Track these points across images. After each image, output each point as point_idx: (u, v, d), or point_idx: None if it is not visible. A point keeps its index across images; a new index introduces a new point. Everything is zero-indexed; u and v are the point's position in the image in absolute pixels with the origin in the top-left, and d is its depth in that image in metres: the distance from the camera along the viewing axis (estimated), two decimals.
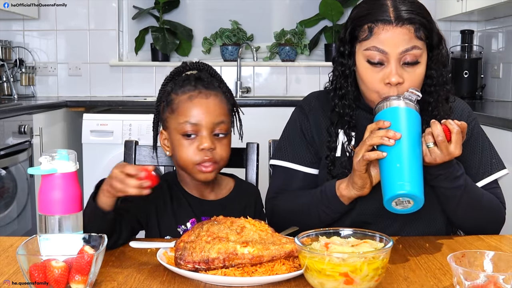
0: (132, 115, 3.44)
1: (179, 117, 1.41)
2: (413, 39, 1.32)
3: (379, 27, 1.32)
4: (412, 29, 1.32)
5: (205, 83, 1.44)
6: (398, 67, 1.32)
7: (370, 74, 1.36)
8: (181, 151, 1.40)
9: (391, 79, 1.32)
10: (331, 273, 0.96)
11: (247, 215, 1.22)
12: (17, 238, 1.33)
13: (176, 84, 1.45)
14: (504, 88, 3.81)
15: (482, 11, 3.58)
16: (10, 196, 3.16)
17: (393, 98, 1.27)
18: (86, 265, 0.96)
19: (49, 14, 4.23)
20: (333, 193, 1.34)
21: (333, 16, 4.17)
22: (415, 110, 1.25)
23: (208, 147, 1.38)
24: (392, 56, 1.32)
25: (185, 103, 1.41)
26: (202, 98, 1.41)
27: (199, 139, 1.39)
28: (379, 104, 1.29)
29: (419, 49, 1.33)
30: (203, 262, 1.06)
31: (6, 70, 4.03)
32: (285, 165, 1.49)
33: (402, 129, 1.21)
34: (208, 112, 1.40)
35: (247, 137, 1.58)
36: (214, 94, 1.43)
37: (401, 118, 1.23)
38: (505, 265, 0.98)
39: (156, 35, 4.19)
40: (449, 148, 1.23)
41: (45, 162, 1.09)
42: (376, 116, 1.28)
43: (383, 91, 1.34)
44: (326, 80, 1.51)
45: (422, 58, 1.34)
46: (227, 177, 1.54)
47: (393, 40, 1.32)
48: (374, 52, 1.33)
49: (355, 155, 1.27)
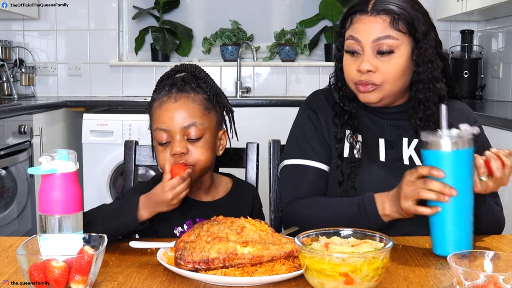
0: (132, 115, 3.44)
1: (153, 124, 1.42)
2: (387, 29, 1.34)
3: (357, 17, 1.38)
4: (387, 19, 1.35)
5: (178, 86, 1.41)
6: (370, 55, 1.36)
7: (347, 63, 1.41)
8: (158, 157, 1.42)
9: (361, 66, 1.36)
10: (331, 273, 0.96)
11: (246, 215, 1.22)
12: (17, 238, 1.33)
13: (155, 91, 1.46)
14: (504, 88, 3.81)
15: (482, 11, 3.58)
16: (10, 196, 3.16)
17: (447, 135, 1.16)
18: (86, 265, 0.96)
19: (49, 14, 4.23)
20: (375, 212, 1.30)
21: (333, 16, 4.17)
22: (470, 148, 1.16)
23: (179, 152, 1.36)
24: (365, 45, 1.36)
25: (156, 110, 1.41)
26: (171, 103, 1.39)
27: (171, 144, 1.38)
28: (431, 136, 1.17)
29: (395, 39, 1.35)
30: (203, 262, 1.06)
31: (6, 70, 4.03)
32: (295, 162, 1.48)
33: (459, 181, 1.15)
34: (175, 116, 1.38)
35: (247, 137, 1.58)
36: (185, 96, 1.40)
37: (457, 166, 1.15)
38: (505, 265, 0.98)
39: (156, 35, 4.19)
40: (503, 181, 1.21)
41: (45, 162, 1.09)
42: (427, 152, 1.18)
43: (354, 79, 1.38)
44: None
45: (400, 49, 1.36)
46: (225, 177, 1.53)
47: (366, 29, 1.36)
48: (350, 41, 1.39)
49: (404, 198, 1.21)
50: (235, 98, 4.10)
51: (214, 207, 1.44)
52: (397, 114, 1.47)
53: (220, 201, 1.47)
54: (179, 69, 1.48)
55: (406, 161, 1.44)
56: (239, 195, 1.51)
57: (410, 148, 1.45)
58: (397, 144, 1.45)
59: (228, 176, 1.55)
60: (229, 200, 1.48)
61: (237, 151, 1.66)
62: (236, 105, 1.55)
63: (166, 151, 1.39)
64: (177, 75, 1.47)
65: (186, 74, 1.46)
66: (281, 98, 4.10)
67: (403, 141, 1.45)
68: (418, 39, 1.37)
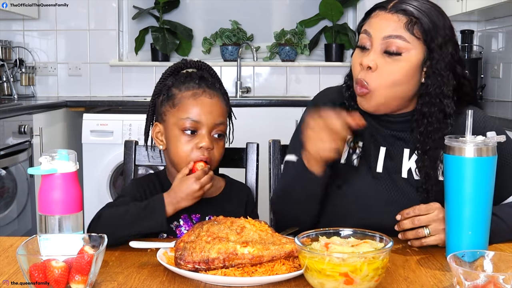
0: (132, 115, 3.43)
1: (180, 112, 1.41)
2: (401, 29, 1.29)
3: (376, 12, 1.35)
4: (404, 19, 1.29)
5: (209, 83, 1.45)
6: (377, 52, 1.31)
7: (354, 58, 1.37)
8: (178, 147, 1.41)
9: (362, 60, 1.31)
10: (331, 273, 0.96)
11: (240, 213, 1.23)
12: (17, 238, 1.33)
13: (177, 79, 1.46)
14: (504, 88, 3.81)
15: (482, 11, 3.58)
16: (10, 196, 3.16)
17: (470, 141, 1.13)
18: (86, 265, 0.96)
19: (49, 14, 4.23)
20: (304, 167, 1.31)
21: (333, 16, 4.17)
22: (493, 156, 1.14)
23: (207, 146, 1.39)
24: (375, 40, 1.31)
25: (188, 100, 1.41)
26: (206, 97, 1.42)
27: (198, 137, 1.40)
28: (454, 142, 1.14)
29: (405, 41, 1.29)
30: (203, 262, 1.06)
31: (6, 70, 4.03)
32: (288, 158, 1.46)
33: (479, 188, 1.13)
34: (211, 111, 1.41)
35: (247, 137, 1.58)
36: (217, 95, 1.44)
37: (478, 173, 1.13)
38: (505, 265, 0.98)
39: (156, 35, 4.19)
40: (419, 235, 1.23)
41: (45, 162, 1.09)
42: (450, 157, 1.15)
43: (354, 74, 1.35)
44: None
45: (409, 54, 1.30)
46: (218, 177, 1.54)
47: (380, 24, 1.32)
48: (363, 35, 1.35)
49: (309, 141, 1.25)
50: (235, 98, 4.10)
51: (209, 203, 1.44)
52: (401, 124, 1.40)
53: (214, 198, 1.48)
54: (191, 65, 1.49)
55: (405, 173, 1.39)
56: (232, 194, 1.52)
57: (411, 161, 1.39)
58: (397, 155, 1.40)
59: (222, 176, 1.55)
60: (223, 197, 1.49)
61: (237, 151, 1.66)
62: (236, 105, 1.56)
63: (191, 142, 1.40)
64: (195, 70, 1.48)
65: (203, 72, 1.48)
66: (281, 98, 4.10)
67: (404, 152, 1.40)
68: (432, 49, 1.31)
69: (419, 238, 1.23)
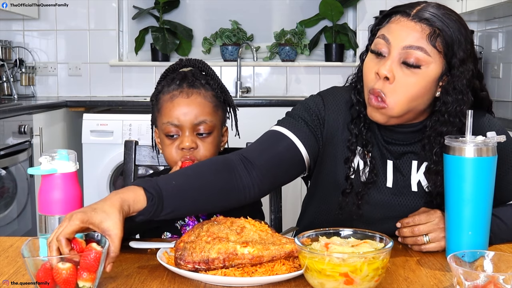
0: (132, 115, 3.44)
1: (162, 117, 1.43)
2: (423, 40, 1.20)
3: (397, 17, 1.25)
4: (427, 30, 1.20)
5: (190, 81, 1.43)
6: (395, 61, 1.22)
7: (368, 64, 1.27)
8: (165, 150, 1.44)
9: (380, 69, 1.22)
10: (331, 273, 0.96)
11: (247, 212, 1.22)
12: (17, 238, 1.32)
13: (165, 84, 1.47)
14: (504, 88, 3.81)
15: (482, 11, 3.58)
16: (10, 196, 3.16)
17: (470, 141, 1.12)
18: (95, 262, 0.96)
19: (49, 14, 4.23)
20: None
21: (333, 16, 4.17)
22: (494, 156, 1.13)
23: (188, 147, 1.40)
24: (394, 48, 1.22)
25: (167, 103, 1.43)
26: (183, 98, 1.41)
27: (180, 138, 1.41)
28: (454, 141, 1.14)
29: (427, 54, 1.20)
30: (203, 262, 1.06)
31: (6, 70, 4.03)
32: (276, 129, 1.35)
33: (478, 188, 1.13)
34: (188, 112, 1.41)
35: (247, 137, 1.58)
36: (197, 93, 1.42)
37: (478, 173, 1.12)
38: (505, 265, 0.98)
39: (156, 35, 4.19)
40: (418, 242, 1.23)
41: (45, 162, 1.09)
42: (449, 157, 1.14)
43: (370, 84, 1.25)
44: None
45: (428, 68, 1.21)
46: None
47: (401, 31, 1.22)
48: (380, 40, 1.25)
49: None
50: (235, 98, 4.10)
51: None
52: (410, 134, 1.33)
53: None
54: (185, 63, 1.49)
55: (415, 187, 1.34)
56: None
57: (419, 173, 1.34)
58: (405, 169, 1.34)
59: None
60: None
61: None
62: (236, 105, 1.55)
63: (174, 145, 1.41)
64: (185, 69, 1.48)
65: (194, 69, 1.47)
66: (281, 98, 4.10)
67: (413, 165, 1.34)
68: (453, 64, 1.22)
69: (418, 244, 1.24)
